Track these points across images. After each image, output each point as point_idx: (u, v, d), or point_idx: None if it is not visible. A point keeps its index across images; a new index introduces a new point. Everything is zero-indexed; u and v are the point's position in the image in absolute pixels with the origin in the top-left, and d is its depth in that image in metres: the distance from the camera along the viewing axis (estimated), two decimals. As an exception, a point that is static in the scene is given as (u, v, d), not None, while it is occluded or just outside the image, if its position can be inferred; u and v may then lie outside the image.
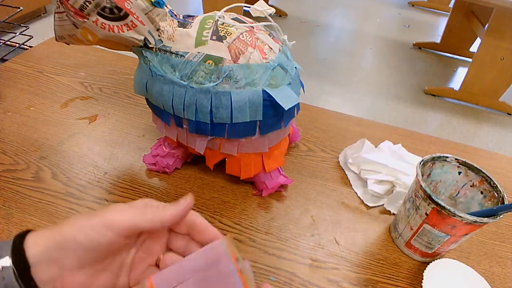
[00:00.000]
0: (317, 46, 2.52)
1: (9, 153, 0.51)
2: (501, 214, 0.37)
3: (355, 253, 0.44)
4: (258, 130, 0.43)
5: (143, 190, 0.48)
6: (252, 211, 0.48)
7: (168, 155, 0.49)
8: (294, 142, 0.59)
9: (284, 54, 0.43)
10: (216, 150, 0.45)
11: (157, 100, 0.42)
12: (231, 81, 0.39)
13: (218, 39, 0.39)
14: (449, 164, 0.44)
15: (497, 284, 0.43)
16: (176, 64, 0.39)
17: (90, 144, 0.54)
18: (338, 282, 0.41)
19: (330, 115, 0.67)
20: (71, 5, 0.37)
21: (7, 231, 0.41)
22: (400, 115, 1.93)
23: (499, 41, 1.83)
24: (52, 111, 0.59)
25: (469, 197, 0.44)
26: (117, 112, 0.61)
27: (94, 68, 0.71)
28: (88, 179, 0.49)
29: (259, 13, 0.42)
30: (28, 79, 0.66)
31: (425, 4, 3.48)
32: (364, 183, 0.53)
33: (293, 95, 0.42)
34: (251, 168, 0.46)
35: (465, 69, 2.18)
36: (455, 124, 1.93)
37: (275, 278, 0.40)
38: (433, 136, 0.65)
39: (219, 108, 0.40)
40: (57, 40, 0.44)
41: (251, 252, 0.43)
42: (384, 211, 0.50)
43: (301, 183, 0.52)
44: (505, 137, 1.88)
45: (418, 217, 0.41)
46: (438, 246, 0.41)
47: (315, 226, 0.47)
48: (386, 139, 0.59)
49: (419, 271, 0.43)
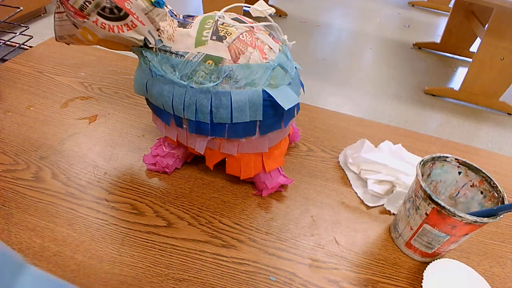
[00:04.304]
0: (317, 46, 2.53)
1: (9, 153, 0.51)
2: (501, 214, 0.37)
3: (355, 253, 0.44)
4: (258, 130, 0.43)
5: (143, 190, 0.48)
6: (252, 211, 0.48)
7: (168, 155, 0.49)
8: (294, 142, 0.59)
9: (284, 54, 0.43)
10: (216, 150, 0.45)
11: (157, 100, 0.42)
12: (231, 81, 0.39)
13: (218, 39, 0.39)
14: (449, 164, 0.44)
15: (497, 284, 0.43)
16: (176, 64, 0.39)
17: (90, 144, 0.54)
18: (338, 282, 0.41)
19: (330, 115, 0.67)
20: (71, 5, 0.37)
21: (7, 231, 0.41)
22: (400, 115, 1.93)
23: (499, 41, 1.83)
24: (52, 111, 0.59)
25: (469, 197, 0.44)
26: (117, 112, 0.61)
27: (94, 68, 0.71)
28: (88, 179, 0.49)
29: (259, 13, 0.42)
30: (28, 79, 0.66)
31: (425, 4, 3.48)
32: (364, 183, 0.53)
33: (293, 95, 0.42)
34: (251, 168, 0.46)
35: (465, 69, 2.19)
36: (455, 124, 1.93)
37: (275, 278, 0.40)
38: (433, 136, 0.65)
39: (219, 108, 0.40)
40: (57, 40, 0.44)
41: (251, 252, 0.43)
42: (384, 211, 0.50)
43: (301, 183, 0.52)
44: (505, 137, 1.88)
45: (418, 217, 0.41)
46: (438, 246, 0.41)
47: (315, 226, 0.47)
48: (386, 139, 0.59)
49: (419, 271, 0.43)
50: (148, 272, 0.39)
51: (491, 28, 1.81)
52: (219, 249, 0.43)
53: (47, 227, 0.42)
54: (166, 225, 0.44)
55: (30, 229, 0.42)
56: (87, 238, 0.42)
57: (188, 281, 0.39)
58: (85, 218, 0.44)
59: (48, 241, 0.41)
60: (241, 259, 0.42)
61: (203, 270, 0.40)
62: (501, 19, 1.78)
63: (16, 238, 0.41)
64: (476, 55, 1.91)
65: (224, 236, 0.44)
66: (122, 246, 0.41)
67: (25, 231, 0.42)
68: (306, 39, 2.59)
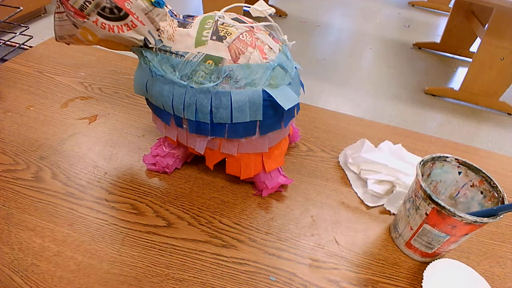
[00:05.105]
0: (317, 46, 2.53)
1: (9, 153, 0.51)
2: (501, 214, 0.37)
3: (355, 253, 0.44)
4: (258, 130, 0.43)
5: (143, 190, 0.48)
6: (252, 211, 0.48)
7: (168, 155, 0.49)
8: (294, 142, 0.59)
9: (284, 54, 0.43)
10: (216, 150, 0.45)
11: (157, 100, 0.42)
12: (231, 81, 0.39)
13: (218, 39, 0.39)
14: (449, 164, 0.44)
15: (497, 284, 0.43)
16: (176, 64, 0.39)
17: (90, 144, 0.54)
18: (338, 282, 0.41)
19: (330, 115, 0.67)
20: (71, 5, 0.37)
21: (7, 231, 0.41)
22: (400, 115, 1.93)
23: (499, 41, 1.83)
24: (52, 111, 0.59)
25: (469, 197, 0.44)
26: (117, 112, 0.61)
27: (94, 68, 0.71)
28: (88, 179, 0.49)
29: (259, 13, 0.42)
30: (28, 79, 0.66)
31: (425, 4, 3.48)
32: (364, 183, 0.53)
33: (293, 95, 0.42)
34: (251, 168, 0.46)
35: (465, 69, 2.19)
36: (455, 124, 1.93)
37: (275, 278, 0.40)
38: (433, 136, 0.65)
39: (219, 108, 0.40)
40: (57, 40, 0.44)
41: (251, 252, 0.43)
42: (384, 211, 0.50)
43: (301, 183, 0.53)
44: (505, 137, 1.88)
45: (418, 217, 0.41)
46: (438, 246, 0.41)
47: (315, 226, 0.47)
48: (386, 139, 0.59)
49: (419, 271, 0.43)
50: (148, 272, 0.39)
51: (491, 28, 1.81)
52: (219, 249, 0.43)
53: (47, 227, 0.42)
54: (166, 225, 0.44)
55: (30, 229, 0.42)
56: (87, 238, 0.42)
57: (188, 281, 0.39)
58: (85, 218, 0.44)
59: (48, 241, 0.41)
60: (241, 259, 0.42)
61: (203, 270, 0.40)
62: (501, 19, 1.78)
63: (16, 238, 0.41)
64: (476, 55, 1.91)
65: (224, 236, 0.44)
66: (122, 246, 0.41)
67: (25, 231, 0.42)
68: (306, 39, 2.59)
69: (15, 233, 0.41)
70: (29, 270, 0.38)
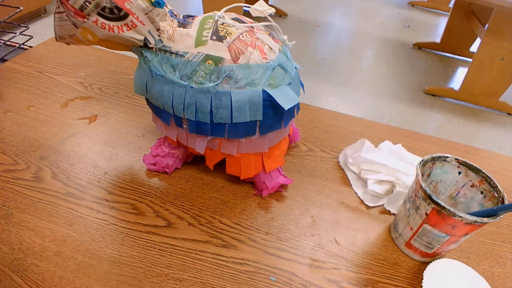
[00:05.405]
0: (317, 46, 2.53)
1: (9, 153, 0.51)
2: (501, 214, 0.37)
3: (355, 253, 0.44)
4: (258, 130, 0.43)
5: (143, 190, 0.48)
6: (252, 211, 0.48)
7: (168, 155, 0.49)
8: (294, 142, 0.59)
9: (284, 54, 0.43)
10: (216, 150, 0.45)
11: (157, 100, 0.42)
12: (231, 81, 0.39)
13: (218, 39, 0.39)
14: (449, 164, 0.44)
15: (497, 284, 0.43)
16: (176, 64, 0.39)
17: (90, 144, 0.54)
18: (338, 282, 0.41)
19: (330, 115, 0.67)
20: (71, 5, 0.37)
21: (7, 231, 0.41)
22: (400, 115, 1.93)
23: (499, 41, 1.83)
24: (52, 111, 0.59)
25: (469, 197, 0.44)
26: (117, 112, 0.61)
27: (94, 68, 0.71)
28: (88, 179, 0.49)
29: (259, 13, 0.42)
30: (28, 79, 0.66)
31: (425, 4, 3.48)
32: (364, 183, 0.53)
33: (293, 95, 0.42)
34: (251, 168, 0.46)
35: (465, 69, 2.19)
36: (455, 124, 1.93)
37: (275, 278, 0.40)
38: (433, 136, 0.65)
39: (219, 108, 0.40)
40: (57, 40, 0.44)
41: (251, 252, 0.43)
42: (384, 211, 0.50)
43: (301, 183, 0.53)
44: (505, 137, 1.89)
45: (418, 217, 0.41)
46: (438, 246, 0.41)
47: (315, 226, 0.47)
48: (386, 139, 0.59)
49: (419, 271, 0.43)
50: (148, 272, 0.39)
51: (491, 28, 1.81)
52: (219, 249, 0.43)
53: (47, 227, 0.42)
54: (166, 225, 0.44)
55: (30, 229, 0.42)
56: (87, 238, 0.42)
57: (188, 281, 0.39)
58: (85, 218, 0.44)
59: (48, 241, 0.41)
60: (241, 259, 0.42)
61: (203, 270, 0.40)
62: (501, 19, 1.78)
63: (16, 238, 0.41)
64: (476, 55, 1.91)
65: (224, 236, 0.44)
66: (122, 246, 0.41)
67: (25, 231, 0.42)
68: (306, 39, 2.59)
69: (15, 233, 0.41)
70: (29, 270, 0.38)
